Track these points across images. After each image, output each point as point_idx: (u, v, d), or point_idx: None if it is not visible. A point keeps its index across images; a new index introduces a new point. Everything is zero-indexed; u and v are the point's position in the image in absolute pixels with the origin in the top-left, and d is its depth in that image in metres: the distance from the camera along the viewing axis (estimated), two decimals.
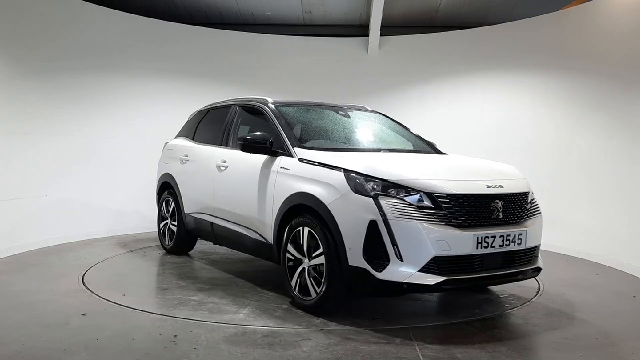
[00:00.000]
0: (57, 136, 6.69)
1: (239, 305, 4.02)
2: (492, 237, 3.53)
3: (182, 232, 5.64)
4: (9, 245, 5.82)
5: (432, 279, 3.36)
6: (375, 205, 3.43)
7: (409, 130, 5.32)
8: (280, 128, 4.39)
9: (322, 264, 3.67)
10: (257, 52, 8.52)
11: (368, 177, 3.55)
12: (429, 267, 3.37)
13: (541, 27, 7.31)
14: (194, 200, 5.35)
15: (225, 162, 4.85)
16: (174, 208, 5.71)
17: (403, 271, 3.35)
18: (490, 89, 7.84)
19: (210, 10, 8.77)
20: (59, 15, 6.87)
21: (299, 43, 8.64)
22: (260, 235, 4.35)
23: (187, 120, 6.24)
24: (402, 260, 3.36)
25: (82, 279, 4.80)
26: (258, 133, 4.31)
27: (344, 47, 8.64)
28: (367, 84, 8.46)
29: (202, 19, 8.99)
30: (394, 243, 3.36)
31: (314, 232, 3.75)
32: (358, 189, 3.53)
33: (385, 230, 3.38)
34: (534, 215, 3.94)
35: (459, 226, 3.46)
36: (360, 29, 8.97)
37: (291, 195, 3.95)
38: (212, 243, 5.44)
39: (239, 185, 4.62)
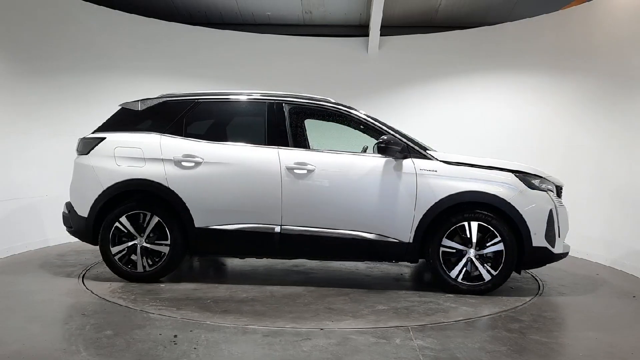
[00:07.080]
0: (57, 136, 6.69)
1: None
2: None
3: (179, 252, 4.71)
4: (9, 245, 5.82)
5: (569, 248, 4.72)
6: (550, 197, 4.48)
7: None
8: (397, 134, 4.66)
9: (499, 251, 4.42)
10: (257, 52, 8.52)
11: (534, 176, 4.55)
12: (565, 239, 4.65)
13: (541, 27, 7.32)
14: (226, 211, 4.66)
15: (306, 164, 4.58)
16: (157, 224, 4.69)
17: (561, 244, 4.56)
18: (490, 89, 7.85)
19: (210, 10, 8.77)
20: (59, 15, 6.87)
21: (299, 43, 8.64)
22: (388, 236, 4.53)
23: (136, 110, 5.04)
24: (559, 237, 4.50)
25: (82, 279, 4.81)
26: (394, 137, 4.59)
27: (344, 47, 8.64)
28: (367, 84, 8.46)
29: (201, 19, 8.99)
30: (558, 224, 4.48)
31: (486, 224, 4.44)
32: (530, 186, 4.48)
33: (556, 215, 4.45)
34: None
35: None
36: (360, 29, 8.98)
37: (452, 194, 4.44)
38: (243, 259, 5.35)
39: (350, 189, 4.57)
